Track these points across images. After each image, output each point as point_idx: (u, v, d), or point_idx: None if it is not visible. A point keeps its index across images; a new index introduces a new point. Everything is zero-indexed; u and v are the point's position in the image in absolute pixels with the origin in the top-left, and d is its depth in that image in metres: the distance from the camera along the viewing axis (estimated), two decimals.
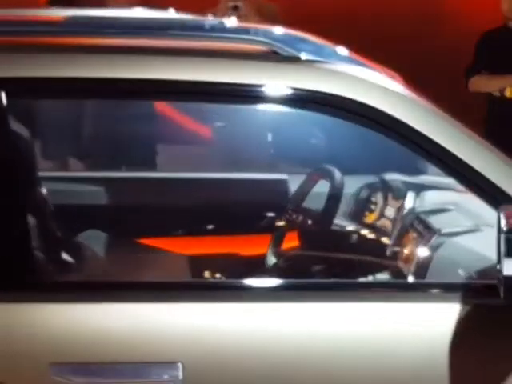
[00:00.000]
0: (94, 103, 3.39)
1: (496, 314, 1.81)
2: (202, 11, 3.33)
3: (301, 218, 2.69)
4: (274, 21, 3.67)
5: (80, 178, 3.27)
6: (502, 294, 1.72)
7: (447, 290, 1.90)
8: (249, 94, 1.92)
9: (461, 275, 2.00)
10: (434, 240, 2.21)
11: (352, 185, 2.71)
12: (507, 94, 4.56)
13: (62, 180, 3.13)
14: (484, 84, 4.67)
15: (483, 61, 4.64)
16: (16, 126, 2.18)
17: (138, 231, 2.80)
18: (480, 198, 1.90)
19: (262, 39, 2.12)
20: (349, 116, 1.92)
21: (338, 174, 2.59)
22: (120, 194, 3.10)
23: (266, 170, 3.36)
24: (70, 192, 2.95)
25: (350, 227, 2.68)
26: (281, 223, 2.75)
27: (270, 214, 2.86)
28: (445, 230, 2.21)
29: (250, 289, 1.93)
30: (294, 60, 1.95)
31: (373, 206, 2.67)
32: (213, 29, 2.36)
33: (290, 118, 2.39)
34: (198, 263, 2.67)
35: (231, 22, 2.58)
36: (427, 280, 2.17)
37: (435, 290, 1.92)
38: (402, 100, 1.95)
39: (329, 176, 2.63)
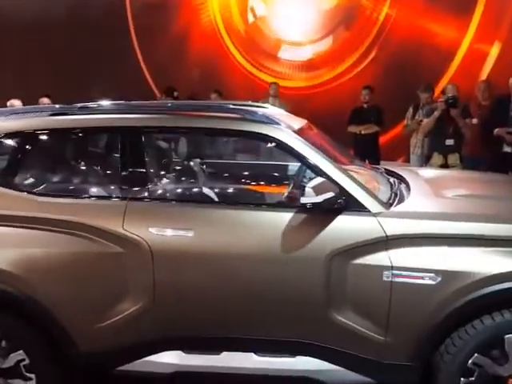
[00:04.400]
0: (174, 136, 4.47)
1: (308, 215, 2.78)
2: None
3: (292, 180, 3.60)
4: (286, 109, 4.40)
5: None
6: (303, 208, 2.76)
7: (303, 207, 2.79)
8: (230, 133, 3.10)
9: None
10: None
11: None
12: (362, 132, 8.08)
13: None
14: (352, 129, 8.23)
15: (352, 120, 8.25)
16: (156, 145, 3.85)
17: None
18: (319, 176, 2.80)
19: (241, 113, 3.19)
20: (268, 142, 2.93)
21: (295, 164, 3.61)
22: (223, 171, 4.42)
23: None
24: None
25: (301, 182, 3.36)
26: (287, 181, 3.83)
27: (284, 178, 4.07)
28: (310, 184, 2.81)
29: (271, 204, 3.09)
30: (250, 120, 3.01)
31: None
32: (223, 108, 3.53)
33: (246, 142, 3.88)
34: (259, 194, 4.10)
35: (245, 105, 3.67)
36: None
37: (300, 208, 2.79)
38: (292, 138, 2.91)
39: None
